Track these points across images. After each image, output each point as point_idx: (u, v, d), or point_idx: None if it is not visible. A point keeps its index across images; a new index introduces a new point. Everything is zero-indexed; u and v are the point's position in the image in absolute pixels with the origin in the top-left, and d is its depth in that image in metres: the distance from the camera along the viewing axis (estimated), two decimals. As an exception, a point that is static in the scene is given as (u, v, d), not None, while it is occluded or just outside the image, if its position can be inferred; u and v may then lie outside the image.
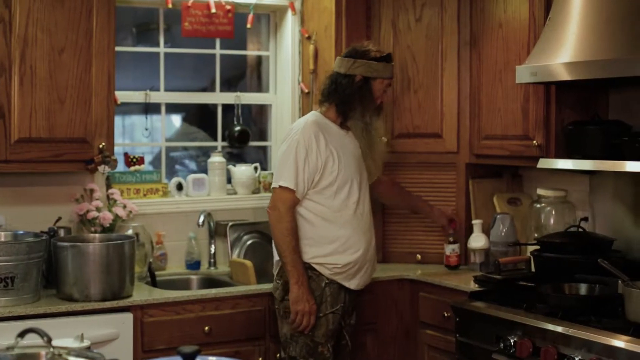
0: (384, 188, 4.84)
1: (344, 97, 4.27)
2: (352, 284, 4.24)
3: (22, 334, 2.23)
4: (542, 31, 4.19)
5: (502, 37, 4.65)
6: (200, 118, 5.62)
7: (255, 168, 5.34)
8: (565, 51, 3.97)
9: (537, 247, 4.34)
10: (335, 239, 4.19)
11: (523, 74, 4.14)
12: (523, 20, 4.49)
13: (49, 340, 2.14)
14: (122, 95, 4.83)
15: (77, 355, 2.14)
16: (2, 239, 4.14)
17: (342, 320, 4.25)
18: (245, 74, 5.70)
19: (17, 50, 4.08)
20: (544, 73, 4.03)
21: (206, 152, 5.38)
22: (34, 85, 4.12)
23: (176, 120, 5.63)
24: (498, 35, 4.67)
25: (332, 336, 4.19)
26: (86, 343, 2.50)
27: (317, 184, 4.17)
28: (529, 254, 4.41)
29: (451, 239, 4.90)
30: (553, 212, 4.60)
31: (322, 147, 4.16)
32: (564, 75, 3.93)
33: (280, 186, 4.14)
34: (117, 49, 4.45)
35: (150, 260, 4.66)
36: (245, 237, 5.02)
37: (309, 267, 4.16)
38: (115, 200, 4.64)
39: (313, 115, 4.32)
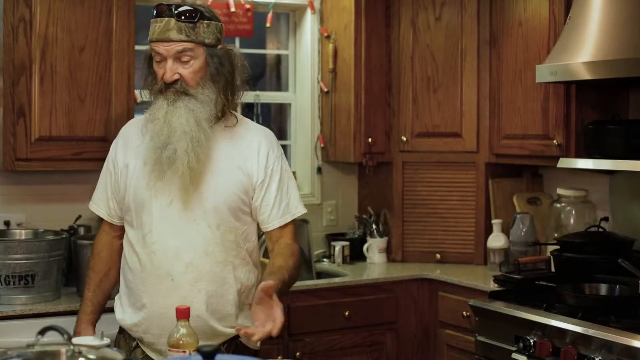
0: (271, 247, 3.26)
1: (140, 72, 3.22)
2: None
3: (42, 332, 2.24)
4: (562, 30, 4.18)
5: (522, 36, 4.63)
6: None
7: (275, 167, 5.33)
8: (585, 50, 3.95)
9: (557, 247, 4.33)
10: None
11: (543, 73, 4.13)
12: (543, 19, 4.47)
13: (69, 337, 2.14)
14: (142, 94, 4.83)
15: (97, 353, 2.15)
16: (23, 237, 4.17)
17: None
18: (265, 73, 5.71)
19: (37, 49, 4.09)
20: (564, 72, 4.02)
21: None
22: (55, 84, 4.14)
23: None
24: (518, 34, 4.66)
25: None
26: (106, 341, 2.51)
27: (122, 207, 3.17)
28: (548, 254, 4.40)
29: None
30: (573, 212, 4.58)
31: (118, 158, 3.17)
32: (584, 75, 3.92)
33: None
34: (137, 47, 4.46)
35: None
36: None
37: None
38: (134, 199, 4.64)
39: None
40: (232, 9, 5.07)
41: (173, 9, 2.93)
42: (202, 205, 3.00)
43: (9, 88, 4.08)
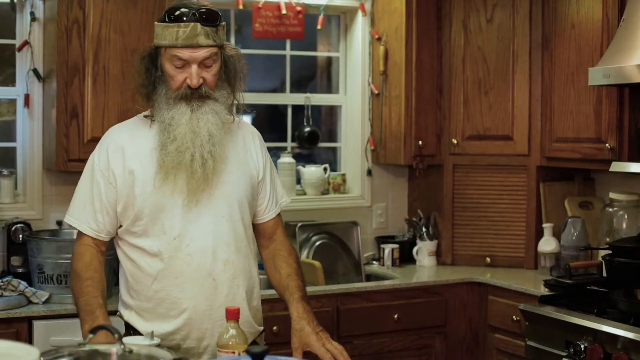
0: (264, 243, 3.24)
1: (135, 74, 3.05)
2: None
3: (93, 331, 2.26)
4: (616, 32, 4.14)
5: (574, 38, 4.59)
6: (270, 119, 5.64)
7: (325, 169, 5.35)
8: (639, 53, 3.91)
9: (609, 251, 4.28)
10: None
11: (596, 75, 4.09)
12: (596, 21, 4.43)
13: (120, 337, 2.16)
14: (193, 96, 4.85)
15: (148, 352, 2.16)
16: (75, 237, 4.19)
17: None
18: (316, 75, 5.72)
19: (90, 51, 4.14)
20: (618, 75, 3.98)
21: (276, 153, 5.40)
22: (107, 85, 4.18)
23: (246, 120, 5.66)
24: (570, 37, 4.62)
25: None
26: (156, 340, 2.52)
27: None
28: (600, 259, 4.35)
29: None
30: (625, 216, 4.53)
31: (113, 167, 2.98)
32: (638, 78, 3.87)
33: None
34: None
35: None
36: (314, 238, 5.01)
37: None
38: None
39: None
40: (284, 11, 5.09)
41: (197, 14, 2.84)
42: (226, 201, 2.96)
43: (62, 89, 4.13)
